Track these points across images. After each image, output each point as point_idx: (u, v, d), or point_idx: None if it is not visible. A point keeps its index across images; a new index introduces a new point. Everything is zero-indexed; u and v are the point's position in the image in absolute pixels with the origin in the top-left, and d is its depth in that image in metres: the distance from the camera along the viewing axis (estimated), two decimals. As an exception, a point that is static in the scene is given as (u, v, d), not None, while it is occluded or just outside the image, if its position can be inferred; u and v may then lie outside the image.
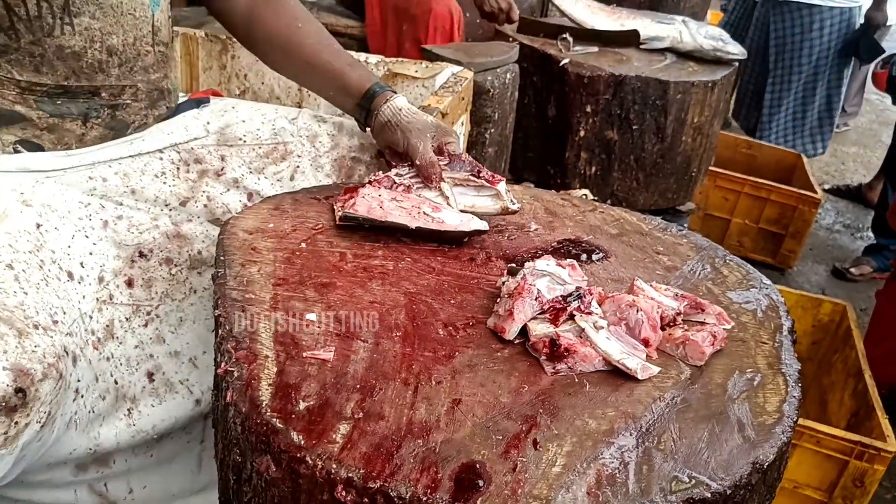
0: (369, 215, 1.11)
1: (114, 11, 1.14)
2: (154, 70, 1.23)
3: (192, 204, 1.22)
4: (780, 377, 0.92)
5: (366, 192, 1.15)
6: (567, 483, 0.72)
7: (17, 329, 0.86)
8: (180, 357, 1.19)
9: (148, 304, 1.16)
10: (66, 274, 1.05)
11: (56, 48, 1.09)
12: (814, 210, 3.43)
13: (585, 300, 0.93)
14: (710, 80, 2.68)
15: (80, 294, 1.06)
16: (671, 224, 1.29)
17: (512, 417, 0.80)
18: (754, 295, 1.09)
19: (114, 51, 1.15)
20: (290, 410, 0.77)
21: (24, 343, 0.86)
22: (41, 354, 0.87)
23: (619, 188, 2.78)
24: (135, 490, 1.20)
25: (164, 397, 1.16)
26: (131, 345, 1.13)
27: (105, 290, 1.10)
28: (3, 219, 1.00)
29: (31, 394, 0.84)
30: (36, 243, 1.01)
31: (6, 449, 0.83)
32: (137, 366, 1.14)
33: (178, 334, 1.19)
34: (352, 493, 0.71)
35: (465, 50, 2.39)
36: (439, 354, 0.89)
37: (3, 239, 0.97)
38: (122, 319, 1.12)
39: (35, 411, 0.85)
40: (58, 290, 1.01)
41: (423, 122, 1.27)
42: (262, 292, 0.96)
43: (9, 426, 0.82)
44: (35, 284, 0.96)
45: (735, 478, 0.75)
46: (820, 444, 1.94)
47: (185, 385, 1.19)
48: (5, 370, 0.82)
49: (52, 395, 0.88)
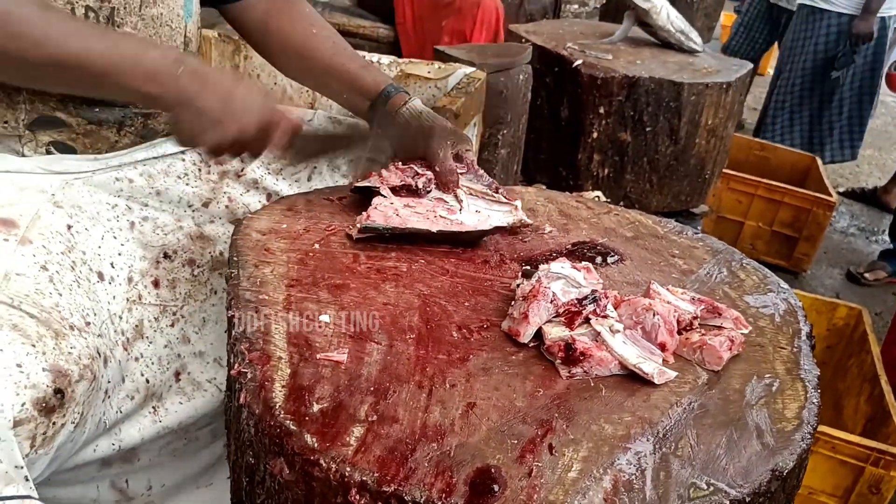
0: (388, 224, 1.11)
1: (154, 22, 1.15)
2: None
3: (213, 205, 1.23)
4: (799, 383, 0.90)
5: (378, 203, 1.14)
6: (583, 489, 0.71)
7: (54, 330, 0.87)
8: (205, 357, 1.20)
9: (173, 304, 1.17)
10: (97, 275, 1.05)
11: None
12: (828, 213, 3.40)
13: (601, 303, 0.92)
14: (724, 81, 2.66)
15: (109, 295, 1.07)
16: (687, 227, 1.28)
17: (527, 422, 0.79)
18: (772, 299, 1.08)
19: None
20: (304, 412, 0.77)
21: (60, 344, 0.86)
22: (77, 356, 0.87)
23: (632, 190, 2.77)
24: (154, 486, 1.21)
25: (192, 395, 1.18)
26: (161, 344, 1.14)
27: (135, 291, 1.11)
28: (36, 220, 1.00)
29: (67, 394, 0.84)
30: (68, 244, 1.02)
31: (44, 449, 0.83)
32: (168, 365, 1.15)
33: (201, 335, 1.20)
34: (366, 497, 0.70)
35: (478, 51, 2.38)
36: (453, 357, 0.88)
37: (37, 240, 0.97)
38: (151, 319, 1.13)
39: (71, 412, 0.85)
40: (89, 291, 1.01)
41: (443, 128, 1.26)
42: (276, 293, 0.96)
43: (48, 427, 0.82)
44: (68, 286, 0.96)
45: (754, 485, 0.74)
46: (835, 450, 1.92)
47: (214, 384, 1.20)
48: (45, 371, 0.82)
49: (85, 396, 0.88)
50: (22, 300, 0.87)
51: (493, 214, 1.17)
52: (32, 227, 0.99)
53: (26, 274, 0.92)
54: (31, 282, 0.92)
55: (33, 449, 0.81)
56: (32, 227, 0.99)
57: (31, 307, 0.87)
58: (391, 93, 1.31)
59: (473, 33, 2.68)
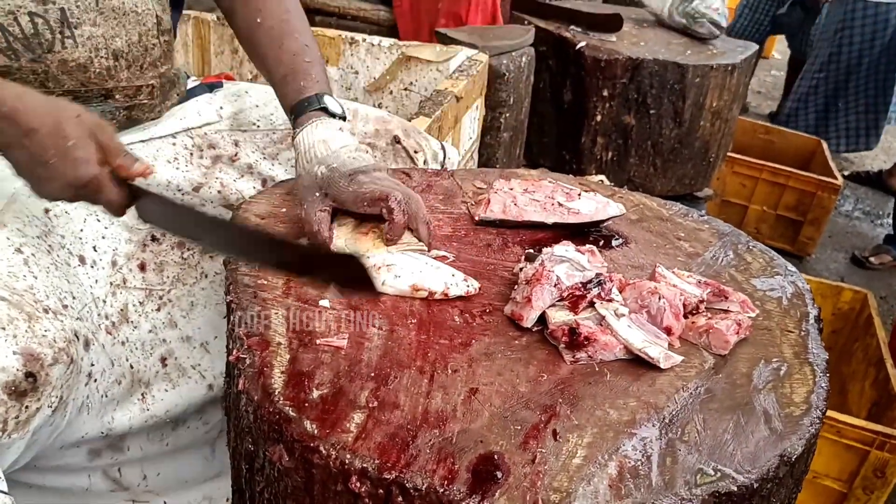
0: (505, 216, 1.11)
1: (115, 13, 1.07)
2: (162, 62, 1.17)
3: (205, 190, 1.21)
4: (808, 367, 0.89)
5: (498, 188, 1.14)
6: (588, 475, 0.70)
7: (26, 313, 0.85)
8: (192, 342, 1.18)
9: (160, 288, 1.14)
10: (77, 258, 1.03)
11: (59, 63, 1.03)
12: (833, 196, 3.37)
13: (606, 287, 0.91)
14: (729, 63, 2.63)
15: (92, 278, 1.05)
16: (692, 209, 1.26)
17: (530, 407, 0.78)
18: (779, 282, 1.06)
19: (120, 54, 1.09)
20: (304, 399, 0.76)
21: (34, 327, 0.84)
22: (51, 339, 0.86)
23: (635, 174, 2.74)
24: (149, 477, 1.19)
25: (177, 382, 1.16)
26: (145, 329, 1.12)
27: (119, 274, 1.09)
28: (11, 203, 0.98)
29: (41, 378, 0.83)
30: (44, 228, 1.00)
31: (18, 433, 0.82)
32: (152, 350, 1.13)
33: (189, 319, 1.18)
34: (366, 485, 0.69)
35: (480, 33, 2.36)
36: (455, 342, 0.87)
37: (12, 223, 0.96)
38: (136, 304, 1.11)
39: (46, 396, 0.84)
40: (67, 274, 0.99)
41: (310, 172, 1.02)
42: (275, 279, 0.94)
43: (20, 410, 0.81)
44: (45, 268, 0.95)
45: (762, 471, 0.73)
46: (840, 434, 1.91)
47: (198, 370, 1.18)
48: (15, 354, 0.81)
49: (63, 380, 0.87)
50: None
51: (610, 203, 1.15)
52: (7, 211, 0.97)
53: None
54: (4, 265, 0.90)
55: (5, 434, 0.80)
56: (7, 210, 0.97)
57: (2, 290, 0.86)
58: (304, 108, 1.10)
59: (469, 15, 2.65)
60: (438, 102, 1.76)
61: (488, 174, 1.30)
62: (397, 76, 2.15)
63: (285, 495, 0.76)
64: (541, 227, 1.12)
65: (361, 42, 2.15)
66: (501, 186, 1.15)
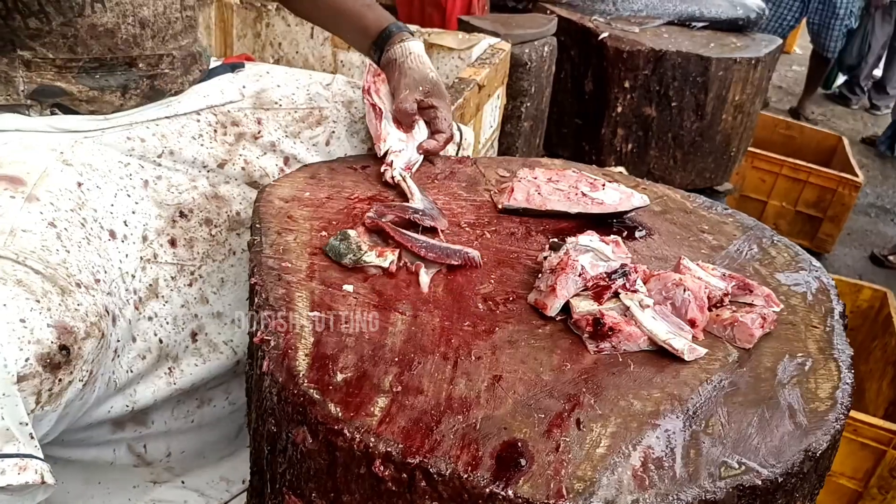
0: (528, 204, 1.11)
1: None
2: (184, 36, 1.20)
3: (229, 166, 1.22)
4: (833, 363, 0.88)
5: (522, 176, 1.14)
6: (612, 465, 0.70)
7: (59, 287, 0.86)
8: (223, 318, 1.19)
9: (191, 263, 1.16)
10: (108, 233, 1.04)
11: (88, 27, 1.06)
12: (854, 194, 3.34)
13: (631, 278, 0.90)
14: (753, 56, 2.60)
15: (122, 253, 1.06)
16: (716, 202, 1.25)
17: (554, 396, 0.77)
18: (804, 277, 1.06)
19: (146, 23, 1.12)
20: (328, 381, 0.76)
21: (66, 301, 0.85)
22: (83, 313, 0.87)
23: (655, 166, 2.73)
24: (173, 453, 1.20)
25: (208, 357, 1.17)
26: (177, 304, 1.14)
27: (149, 249, 1.10)
28: (44, 177, 0.99)
29: (74, 351, 0.83)
30: (77, 202, 1.01)
31: (50, 406, 0.82)
32: (184, 325, 1.14)
33: (219, 295, 1.19)
34: (390, 468, 0.69)
35: (503, 21, 2.34)
36: (479, 329, 0.87)
37: (45, 197, 0.97)
38: (167, 278, 1.12)
39: (78, 369, 0.85)
40: (99, 249, 1.00)
41: (422, 75, 1.24)
42: (299, 261, 0.95)
43: (53, 383, 0.82)
44: (77, 243, 0.95)
45: (787, 465, 0.72)
46: (857, 433, 1.90)
47: (230, 346, 1.20)
48: (49, 327, 0.81)
49: (94, 354, 0.87)
50: (27, 256, 0.86)
51: (634, 194, 1.15)
52: (40, 185, 0.98)
53: (33, 230, 0.91)
54: (38, 238, 0.90)
55: (39, 405, 0.81)
56: (40, 184, 0.98)
57: (36, 263, 0.86)
58: (393, 31, 1.29)
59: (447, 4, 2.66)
60: (461, 90, 1.75)
61: (511, 162, 1.29)
62: (419, 63, 2.14)
63: (307, 477, 0.77)
64: (564, 216, 1.12)
65: (384, 28, 2.14)
66: (525, 175, 1.15)
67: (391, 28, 1.30)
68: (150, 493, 1.21)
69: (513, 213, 1.12)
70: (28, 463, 0.78)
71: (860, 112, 5.78)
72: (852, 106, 5.81)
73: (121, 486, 1.18)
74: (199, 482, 1.26)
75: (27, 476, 0.78)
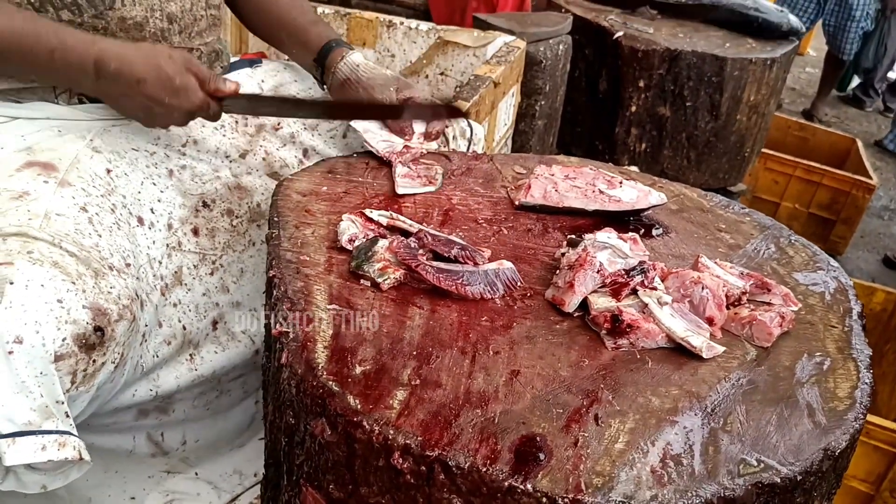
0: (545, 201, 1.11)
1: None
2: (208, 33, 1.23)
3: (250, 156, 1.24)
4: (851, 362, 0.88)
5: (539, 173, 1.14)
6: (630, 461, 0.70)
7: (93, 269, 0.87)
8: (242, 308, 1.21)
9: (213, 253, 1.17)
10: (136, 219, 1.06)
11: (118, 20, 1.08)
12: (867, 196, 3.32)
13: (649, 275, 0.90)
14: (769, 57, 2.59)
15: (149, 239, 1.07)
16: (733, 202, 1.25)
17: (572, 391, 0.77)
18: (822, 277, 1.05)
19: (174, 18, 1.15)
20: (347, 374, 0.76)
21: (100, 284, 0.87)
22: (116, 296, 0.88)
23: (669, 166, 2.72)
24: (188, 442, 1.22)
25: (227, 345, 1.19)
26: (199, 292, 1.15)
27: (174, 237, 1.12)
28: (75, 164, 1.01)
29: (108, 333, 0.85)
30: (108, 187, 1.03)
31: (84, 386, 0.84)
32: (205, 313, 1.16)
33: (239, 285, 1.21)
34: (409, 461, 0.69)
35: (518, 19, 2.34)
36: (497, 324, 0.87)
37: (77, 183, 0.98)
38: (190, 267, 1.14)
39: (111, 351, 0.86)
40: (128, 234, 1.02)
41: (384, 77, 1.23)
42: (317, 255, 0.95)
43: (88, 364, 0.83)
44: (108, 227, 0.97)
45: (806, 464, 0.72)
46: (869, 436, 1.88)
47: (248, 335, 1.21)
48: (85, 308, 0.83)
49: (125, 337, 0.89)
50: (62, 238, 0.88)
51: (651, 192, 1.14)
52: (72, 171, 0.99)
53: (66, 214, 0.92)
54: (71, 222, 0.92)
55: (74, 385, 0.82)
56: (72, 170, 1.00)
57: (71, 245, 0.88)
58: (332, 48, 1.29)
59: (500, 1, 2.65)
60: (476, 87, 1.75)
61: (528, 159, 1.29)
62: (434, 60, 2.14)
63: (325, 469, 0.77)
64: (581, 213, 1.12)
65: (399, 25, 2.14)
66: (542, 172, 1.15)
67: (331, 44, 1.29)
68: (164, 484, 1.22)
69: (530, 209, 1.12)
70: (67, 439, 0.80)
71: (874, 114, 5.75)
72: (866, 108, 5.77)
73: (137, 475, 1.19)
74: (212, 474, 1.27)
75: (66, 452, 0.79)
